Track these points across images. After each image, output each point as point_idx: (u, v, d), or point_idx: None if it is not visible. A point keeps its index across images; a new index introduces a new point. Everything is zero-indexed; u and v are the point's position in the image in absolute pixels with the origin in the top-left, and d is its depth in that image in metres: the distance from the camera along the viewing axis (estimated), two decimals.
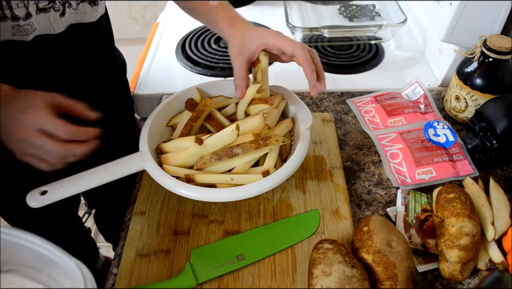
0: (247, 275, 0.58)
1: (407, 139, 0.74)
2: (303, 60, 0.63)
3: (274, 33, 0.66)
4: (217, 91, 0.75)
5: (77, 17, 0.63)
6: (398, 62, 0.99)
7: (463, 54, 0.77)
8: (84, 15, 0.64)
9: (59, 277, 0.45)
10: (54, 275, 0.46)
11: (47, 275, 0.46)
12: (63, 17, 0.61)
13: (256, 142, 0.60)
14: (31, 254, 0.45)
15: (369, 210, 0.67)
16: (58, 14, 0.60)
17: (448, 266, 0.55)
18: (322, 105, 0.86)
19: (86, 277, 0.42)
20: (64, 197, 0.57)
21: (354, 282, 0.50)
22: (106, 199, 1.06)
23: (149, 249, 0.60)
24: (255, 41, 0.66)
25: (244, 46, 0.67)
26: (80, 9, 0.63)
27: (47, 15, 0.59)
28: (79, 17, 0.63)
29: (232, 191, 0.58)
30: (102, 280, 0.61)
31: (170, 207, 0.66)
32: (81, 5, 0.63)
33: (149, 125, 0.66)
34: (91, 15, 0.65)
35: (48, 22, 0.60)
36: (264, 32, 0.68)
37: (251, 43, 0.66)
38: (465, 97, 0.77)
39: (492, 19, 0.78)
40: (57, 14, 0.60)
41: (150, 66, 0.99)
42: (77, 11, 0.63)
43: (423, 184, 0.68)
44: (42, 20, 0.59)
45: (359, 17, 1.09)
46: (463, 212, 0.57)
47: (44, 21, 0.59)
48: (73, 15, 0.63)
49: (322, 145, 0.75)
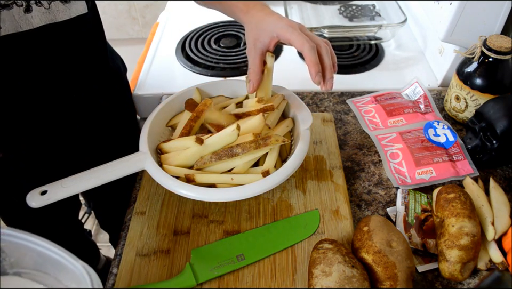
0: (247, 275, 0.58)
1: (407, 139, 0.74)
2: (309, 61, 0.61)
3: (286, 25, 0.63)
4: (217, 91, 0.75)
5: (51, 17, 0.62)
6: (398, 62, 0.99)
7: (463, 54, 0.77)
8: (58, 13, 0.63)
9: (66, 279, 0.45)
10: (61, 278, 0.46)
11: (54, 278, 0.46)
12: (28, 13, 0.59)
13: (256, 141, 0.60)
14: (38, 256, 0.45)
15: (369, 210, 0.67)
16: (22, 9, 0.58)
17: (448, 266, 0.55)
18: (322, 105, 0.86)
19: (94, 280, 0.42)
20: (64, 197, 0.57)
21: (354, 282, 0.50)
22: (106, 199, 1.06)
23: (149, 249, 0.60)
24: (268, 32, 0.64)
25: (258, 37, 0.65)
26: (53, 8, 0.61)
27: (11, 11, 0.57)
28: (52, 16, 0.62)
29: (232, 191, 0.58)
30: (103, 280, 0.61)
31: (170, 207, 0.66)
32: (53, 3, 0.61)
33: (149, 125, 0.66)
34: (64, 13, 0.63)
35: (13, 19, 0.58)
36: (277, 22, 0.65)
37: (265, 35, 0.64)
38: (465, 97, 0.77)
39: (492, 19, 0.78)
40: (21, 9, 0.58)
41: (150, 66, 0.99)
42: (49, 11, 0.61)
43: (423, 184, 0.68)
44: (6, 17, 0.57)
45: (359, 17, 1.09)
46: (463, 212, 0.57)
47: (9, 18, 0.58)
48: (46, 15, 0.61)
49: (322, 145, 0.75)
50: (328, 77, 0.63)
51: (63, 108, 0.73)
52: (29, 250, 0.45)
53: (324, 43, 0.64)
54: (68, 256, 0.43)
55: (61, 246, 0.44)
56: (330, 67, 0.63)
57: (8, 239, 0.45)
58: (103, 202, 1.12)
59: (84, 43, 0.71)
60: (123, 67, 0.89)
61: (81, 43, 0.70)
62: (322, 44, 0.63)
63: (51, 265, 0.45)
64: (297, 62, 0.99)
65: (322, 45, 0.63)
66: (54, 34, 0.64)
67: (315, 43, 0.63)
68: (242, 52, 1.01)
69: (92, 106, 0.78)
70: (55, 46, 0.66)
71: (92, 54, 0.74)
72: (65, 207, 0.91)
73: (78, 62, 0.71)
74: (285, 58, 1.01)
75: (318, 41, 0.63)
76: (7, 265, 0.48)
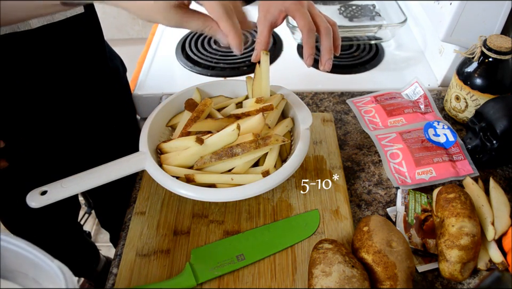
0: (247, 275, 0.58)
1: (407, 139, 0.74)
2: (304, 42, 0.62)
3: (295, 1, 0.64)
4: (217, 91, 0.75)
5: (48, 17, 0.62)
6: (398, 62, 0.99)
7: (463, 54, 0.77)
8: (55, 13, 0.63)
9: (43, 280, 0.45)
10: (39, 279, 0.45)
11: (33, 279, 0.46)
12: None
13: (256, 141, 0.60)
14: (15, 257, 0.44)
15: (369, 210, 0.67)
16: None
17: (448, 266, 0.55)
18: (322, 105, 0.86)
19: (68, 280, 0.41)
20: (64, 197, 0.56)
21: (354, 282, 0.50)
22: (106, 199, 1.06)
23: (149, 249, 0.60)
24: (279, 5, 0.64)
25: (269, 8, 0.65)
26: None
27: None
28: (50, 16, 0.62)
29: (232, 191, 0.58)
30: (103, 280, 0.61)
31: (170, 207, 0.66)
32: None
33: (149, 125, 0.66)
34: (61, 12, 0.63)
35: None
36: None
37: (275, 7, 0.65)
38: (465, 97, 0.77)
39: (492, 19, 0.78)
40: None
41: (150, 66, 0.99)
42: None
43: (423, 184, 0.68)
44: None
45: (359, 17, 1.09)
46: (463, 212, 0.57)
47: None
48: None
49: (322, 145, 0.75)
50: (326, 58, 0.64)
51: (62, 108, 0.73)
52: (6, 250, 0.44)
53: (326, 25, 0.64)
54: (43, 256, 0.43)
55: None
56: (329, 48, 0.64)
57: None
58: (103, 202, 1.12)
59: (81, 43, 0.71)
60: (122, 67, 0.89)
61: (78, 43, 0.70)
62: (324, 25, 0.64)
63: (28, 265, 0.45)
64: (297, 62, 0.99)
65: (323, 26, 0.63)
66: (51, 34, 0.64)
67: (318, 24, 0.63)
68: (243, 52, 1.00)
69: (91, 106, 0.78)
70: (52, 45, 0.66)
71: (89, 53, 0.74)
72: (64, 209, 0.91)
73: (75, 62, 0.71)
74: (285, 58, 1.01)
75: (320, 22, 0.63)
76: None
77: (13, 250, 0.44)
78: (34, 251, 0.43)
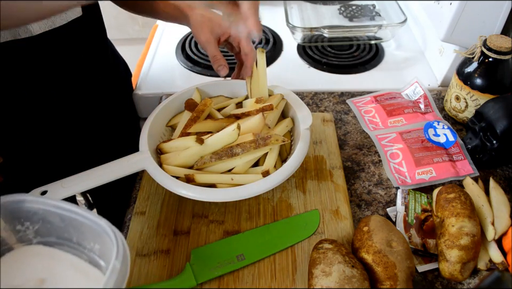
0: (247, 275, 0.58)
1: (407, 139, 0.74)
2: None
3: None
4: (217, 91, 0.75)
5: (49, 23, 0.63)
6: (398, 62, 0.99)
7: (463, 54, 0.77)
8: (55, 18, 0.63)
9: (89, 241, 0.45)
10: (84, 242, 0.45)
11: (77, 243, 0.46)
12: None
13: (256, 141, 0.60)
14: (61, 220, 0.44)
15: (369, 210, 0.67)
16: None
17: (448, 266, 0.55)
18: (322, 105, 0.86)
19: (118, 237, 0.41)
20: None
21: (354, 282, 0.50)
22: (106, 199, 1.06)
23: (149, 249, 0.60)
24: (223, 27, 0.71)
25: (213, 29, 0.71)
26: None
27: None
28: (51, 22, 0.63)
29: (232, 191, 0.58)
30: None
31: (170, 207, 0.66)
32: None
33: (149, 125, 0.66)
34: (61, 17, 0.64)
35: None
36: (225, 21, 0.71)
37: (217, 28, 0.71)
38: (465, 97, 0.77)
39: (492, 19, 0.78)
40: None
41: (150, 66, 0.99)
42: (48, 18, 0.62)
43: (423, 184, 0.68)
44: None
45: (359, 17, 1.09)
46: (463, 212, 0.57)
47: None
48: (45, 21, 0.62)
49: (322, 145, 0.75)
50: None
51: (63, 109, 0.73)
52: (51, 214, 0.44)
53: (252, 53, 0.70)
54: (90, 215, 0.42)
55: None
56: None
57: (30, 206, 0.44)
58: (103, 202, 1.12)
59: (82, 46, 0.71)
60: (126, 72, 0.89)
61: (79, 46, 0.70)
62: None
63: (73, 228, 0.44)
64: (297, 62, 0.99)
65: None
66: (52, 40, 0.64)
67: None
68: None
69: (92, 108, 0.78)
70: (54, 51, 0.66)
71: (91, 56, 0.74)
72: None
73: (77, 66, 0.71)
74: (285, 58, 1.01)
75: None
76: (31, 234, 0.47)
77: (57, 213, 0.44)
78: (80, 211, 0.43)
